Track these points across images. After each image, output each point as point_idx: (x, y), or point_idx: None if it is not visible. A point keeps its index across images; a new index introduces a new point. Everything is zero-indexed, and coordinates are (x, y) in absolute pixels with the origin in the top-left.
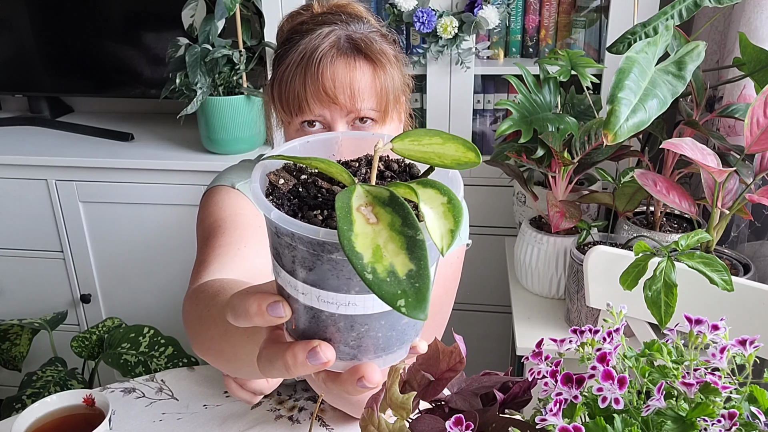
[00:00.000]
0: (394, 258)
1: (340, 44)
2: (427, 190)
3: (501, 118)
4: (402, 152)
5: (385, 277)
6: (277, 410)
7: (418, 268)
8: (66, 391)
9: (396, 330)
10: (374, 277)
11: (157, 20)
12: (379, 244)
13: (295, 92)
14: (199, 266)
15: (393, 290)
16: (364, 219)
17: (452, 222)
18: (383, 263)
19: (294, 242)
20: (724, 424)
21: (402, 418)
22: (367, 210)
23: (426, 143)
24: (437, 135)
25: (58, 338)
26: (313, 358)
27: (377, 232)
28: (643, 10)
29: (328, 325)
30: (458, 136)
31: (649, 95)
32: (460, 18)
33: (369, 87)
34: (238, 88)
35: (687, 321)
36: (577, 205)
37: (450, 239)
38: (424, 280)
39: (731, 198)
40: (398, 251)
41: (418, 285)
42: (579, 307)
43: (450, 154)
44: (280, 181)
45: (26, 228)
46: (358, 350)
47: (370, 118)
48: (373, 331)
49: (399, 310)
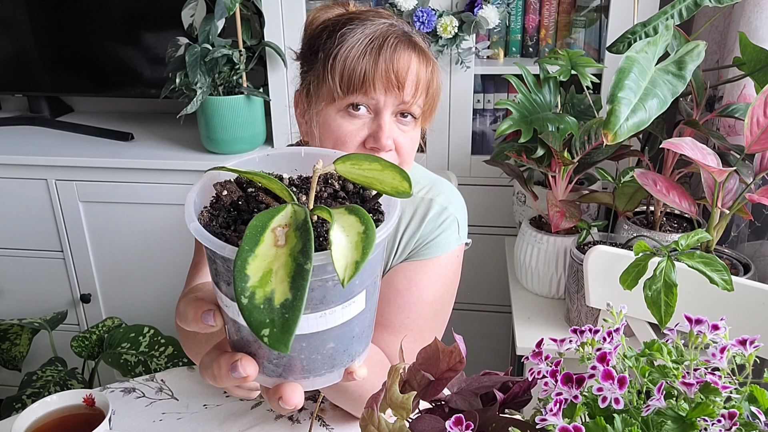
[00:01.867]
0: (277, 285)
1: (406, 38)
2: (350, 217)
3: (501, 118)
4: (347, 175)
5: (259, 304)
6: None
7: (293, 299)
8: (66, 391)
9: (321, 353)
10: (249, 302)
11: (157, 20)
12: (272, 268)
13: (363, 70)
14: (193, 268)
15: (262, 318)
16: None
17: (359, 254)
18: (265, 289)
19: (213, 256)
20: (724, 424)
21: (402, 418)
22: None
23: (366, 168)
24: (376, 161)
25: (58, 338)
26: (234, 371)
27: (278, 256)
28: (643, 9)
29: (251, 341)
30: (393, 164)
31: (649, 95)
32: (460, 17)
33: (426, 84)
34: (238, 88)
35: (687, 321)
36: (577, 205)
37: (353, 271)
38: (295, 313)
39: (731, 198)
40: (284, 278)
41: (287, 316)
42: (579, 307)
43: (388, 181)
44: (223, 192)
45: (26, 228)
46: (283, 369)
47: (412, 115)
48: (295, 351)
49: (262, 340)
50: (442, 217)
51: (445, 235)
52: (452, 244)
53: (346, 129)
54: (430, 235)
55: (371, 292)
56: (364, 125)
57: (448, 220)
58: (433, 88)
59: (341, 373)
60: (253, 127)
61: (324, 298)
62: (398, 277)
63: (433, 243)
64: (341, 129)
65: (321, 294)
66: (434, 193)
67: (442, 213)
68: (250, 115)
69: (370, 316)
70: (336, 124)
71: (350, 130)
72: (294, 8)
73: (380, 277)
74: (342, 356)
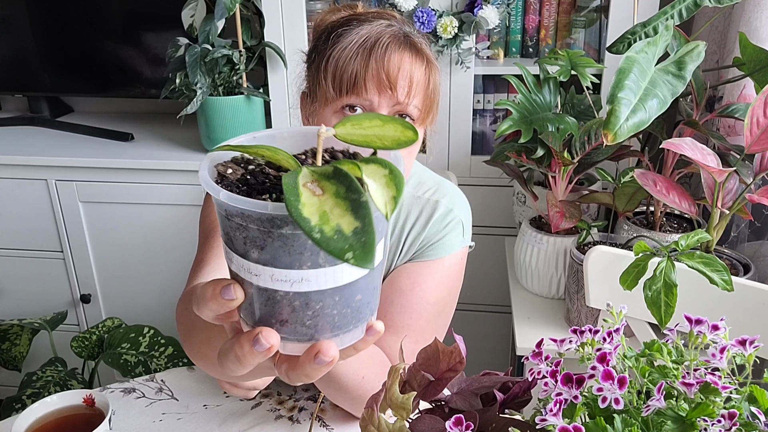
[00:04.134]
0: (340, 219)
1: (401, 38)
2: (370, 165)
3: (501, 118)
4: (345, 137)
5: (332, 236)
6: (277, 410)
7: (363, 225)
8: (66, 391)
9: (351, 307)
10: (322, 236)
11: (157, 20)
12: (325, 210)
13: (354, 71)
14: (196, 266)
15: (341, 246)
16: (311, 192)
17: (394, 190)
18: (330, 224)
19: (244, 222)
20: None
21: (402, 418)
22: (313, 185)
23: (367, 126)
24: (377, 117)
25: (58, 338)
26: (257, 345)
27: (323, 201)
28: (643, 9)
29: (284, 306)
30: (395, 118)
31: (649, 95)
32: (460, 18)
33: (423, 85)
34: (238, 88)
35: (687, 321)
36: (577, 205)
37: (393, 205)
38: (370, 235)
39: (731, 198)
40: (344, 213)
41: (364, 239)
42: (579, 307)
43: (390, 135)
44: (228, 171)
45: (26, 228)
46: (315, 330)
47: (410, 117)
48: (328, 308)
49: (348, 262)
50: (447, 219)
51: (449, 236)
52: (456, 246)
53: None
54: (434, 237)
55: (385, 243)
56: None
57: (453, 221)
58: (430, 88)
59: (363, 329)
60: (253, 128)
61: None
62: (402, 278)
63: (437, 244)
64: None
65: None
66: (440, 195)
67: (448, 215)
68: (250, 115)
69: (382, 269)
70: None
71: None
72: (294, 8)
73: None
74: (365, 309)
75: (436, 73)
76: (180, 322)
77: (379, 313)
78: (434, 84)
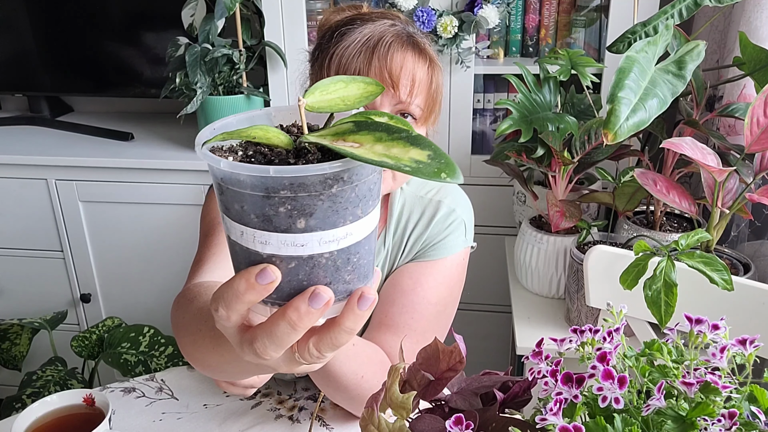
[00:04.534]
0: (408, 154)
1: (404, 38)
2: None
3: (501, 118)
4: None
5: (417, 166)
6: (277, 410)
7: (434, 152)
8: (66, 391)
9: (371, 254)
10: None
11: (157, 20)
12: (384, 153)
13: (357, 69)
14: (196, 264)
15: (431, 169)
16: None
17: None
18: (404, 159)
19: (293, 192)
20: (724, 423)
21: (402, 418)
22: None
23: (332, 90)
24: (340, 80)
25: (58, 338)
26: (315, 301)
27: (371, 149)
28: (643, 9)
29: (328, 269)
30: (360, 77)
31: (649, 94)
32: (460, 17)
33: (425, 84)
34: (238, 88)
35: (687, 320)
36: (577, 205)
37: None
38: (446, 157)
39: (731, 197)
40: (406, 149)
41: (444, 161)
42: (579, 307)
43: (353, 94)
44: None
45: (26, 228)
46: (352, 284)
47: (412, 116)
48: (363, 258)
49: (445, 181)
50: (450, 219)
51: (452, 237)
52: (458, 247)
53: None
54: (437, 237)
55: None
56: None
57: (456, 222)
58: (432, 88)
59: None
60: None
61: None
62: (403, 278)
63: (439, 244)
64: None
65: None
66: (442, 195)
67: (450, 215)
68: None
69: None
70: None
71: None
72: (294, 8)
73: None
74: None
75: (438, 72)
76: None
77: (381, 313)
78: (437, 84)
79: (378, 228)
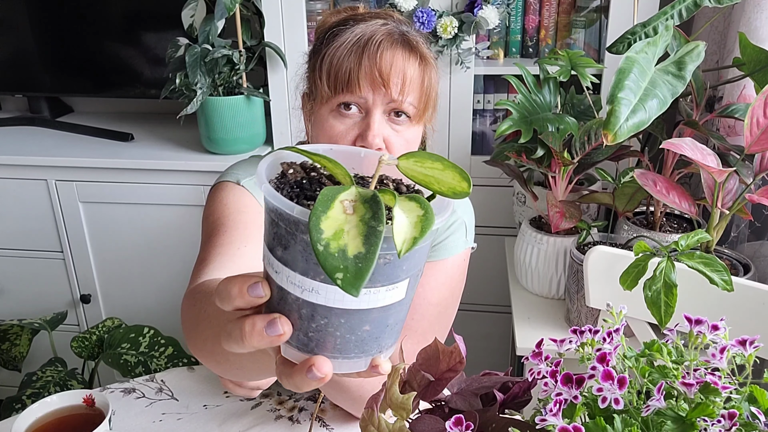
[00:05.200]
0: (350, 241)
1: (395, 36)
2: (410, 202)
3: (501, 118)
4: (406, 171)
5: (333, 253)
6: (277, 410)
7: (367, 252)
8: (66, 392)
9: (356, 335)
10: (324, 250)
11: (157, 20)
12: (344, 228)
13: (348, 69)
14: (200, 264)
15: (337, 264)
16: (343, 209)
17: (418, 232)
18: (338, 242)
19: (277, 218)
20: (724, 424)
21: (402, 419)
22: (350, 204)
23: (428, 166)
24: (439, 161)
25: (58, 338)
26: (270, 328)
27: (347, 221)
28: (643, 10)
29: (293, 310)
30: (456, 165)
31: (649, 95)
32: (460, 18)
33: (417, 82)
34: (238, 88)
35: (687, 321)
36: (577, 205)
37: (410, 245)
38: (368, 263)
39: (731, 198)
40: (357, 236)
41: (360, 265)
42: (579, 307)
43: (448, 181)
44: (289, 171)
45: (26, 228)
46: (316, 344)
47: (406, 114)
48: (332, 327)
49: (335, 282)
50: (450, 221)
51: (453, 238)
52: (459, 248)
53: (337, 129)
54: (438, 238)
55: (412, 284)
56: (355, 124)
57: (456, 223)
58: (425, 85)
59: (368, 362)
60: (253, 128)
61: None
62: None
63: (440, 245)
64: (333, 129)
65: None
66: None
67: (451, 216)
68: (250, 115)
69: (404, 310)
70: (328, 124)
71: (341, 130)
72: (294, 9)
73: (420, 274)
74: (373, 344)
75: (431, 70)
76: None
77: None
78: (429, 81)
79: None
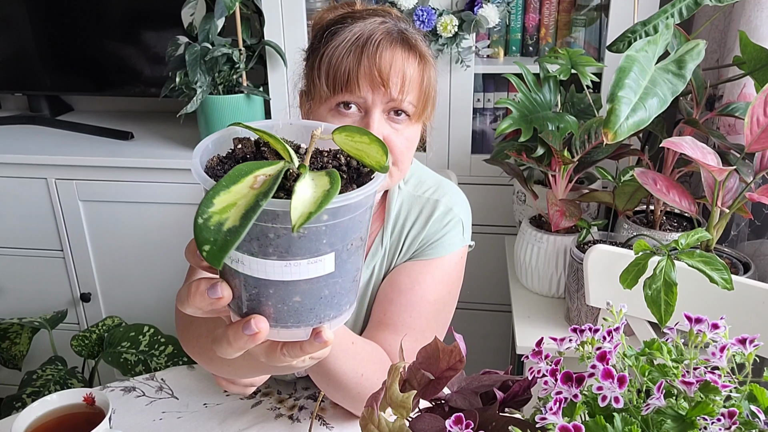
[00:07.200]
0: (232, 214)
1: (394, 35)
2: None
3: (501, 117)
4: (341, 144)
5: (210, 226)
6: (278, 409)
7: (239, 227)
8: (66, 390)
9: (287, 305)
10: (203, 223)
11: (157, 19)
12: (237, 202)
13: (347, 69)
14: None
15: (207, 237)
16: (252, 183)
17: (315, 207)
18: (221, 216)
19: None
20: (723, 422)
21: (402, 417)
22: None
23: (358, 140)
24: (366, 134)
25: (58, 337)
26: (211, 290)
27: (246, 195)
28: (644, 8)
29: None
30: (378, 139)
31: (649, 94)
32: (460, 16)
33: (416, 80)
34: (238, 87)
35: (687, 320)
36: (577, 204)
37: (304, 219)
38: (234, 237)
39: (731, 197)
40: (240, 211)
41: (228, 239)
42: (579, 306)
43: (373, 154)
44: (238, 146)
45: (26, 227)
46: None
47: (405, 113)
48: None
49: (202, 253)
50: (447, 218)
51: (449, 235)
52: (456, 245)
53: None
54: (434, 236)
55: (344, 258)
56: (354, 124)
57: (453, 221)
58: (424, 84)
59: (308, 332)
60: None
61: (290, 248)
62: (401, 276)
63: (437, 243)
64: None
65: (286, 243)
66: (440, 194)
67: (447, 214)
68: (250, 114)
69: (342, 283)
70: None
71: None
72: (294, 7)
73: (360, 248)
74: (308, 315)
75: (430, 68)
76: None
77: (379, 312)
78: (429, 79)
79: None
